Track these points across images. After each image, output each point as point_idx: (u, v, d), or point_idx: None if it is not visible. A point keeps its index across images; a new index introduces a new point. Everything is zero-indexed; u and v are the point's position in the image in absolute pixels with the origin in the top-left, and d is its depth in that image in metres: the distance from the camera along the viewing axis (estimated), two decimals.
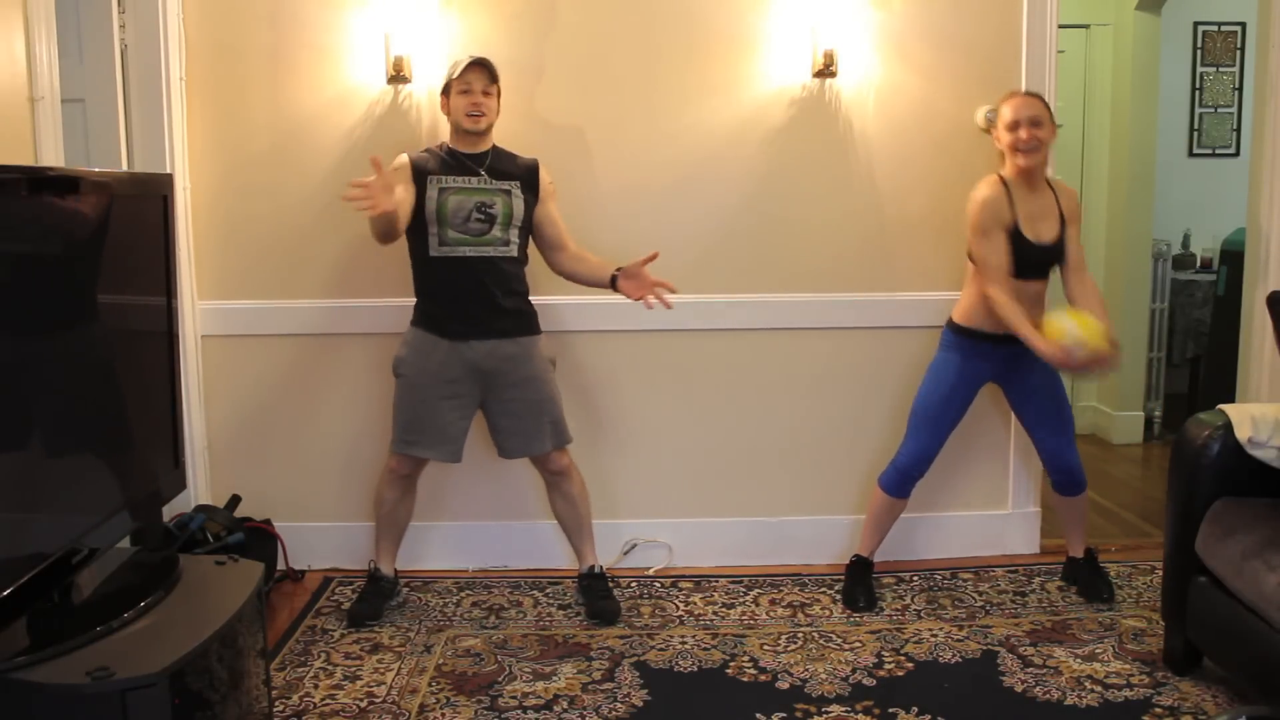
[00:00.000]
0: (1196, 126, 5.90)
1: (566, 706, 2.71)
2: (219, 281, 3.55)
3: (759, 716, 2.65)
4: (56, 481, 2.12)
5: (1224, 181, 5.71)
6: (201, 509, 3.35)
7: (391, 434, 3.23)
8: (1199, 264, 5.76)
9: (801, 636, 3.10)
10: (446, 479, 3.53)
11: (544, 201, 3.21)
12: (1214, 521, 2.64)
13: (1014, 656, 2.95)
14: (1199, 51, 5.85)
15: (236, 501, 3.50)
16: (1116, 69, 5.21)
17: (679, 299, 3.51)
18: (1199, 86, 5.88)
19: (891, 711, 2.66)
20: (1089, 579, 3.37)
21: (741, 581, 3.51)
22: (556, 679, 2.86)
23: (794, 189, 3.55)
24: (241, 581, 2.34)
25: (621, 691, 2.79)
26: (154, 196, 2.52)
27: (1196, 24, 5.81)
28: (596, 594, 3.29)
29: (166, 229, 2.52)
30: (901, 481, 3.31)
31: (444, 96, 3.17)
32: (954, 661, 2.94)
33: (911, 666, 2.91)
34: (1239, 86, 5.84)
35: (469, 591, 3.46)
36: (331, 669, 2.92)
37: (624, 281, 3.13)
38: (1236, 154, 5.82)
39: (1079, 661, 2.91)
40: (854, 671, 2.88)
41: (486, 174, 3.14)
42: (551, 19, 3.47)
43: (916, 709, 2.67)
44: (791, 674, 2.87)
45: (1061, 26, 3.59)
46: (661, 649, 3.03)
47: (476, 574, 3.60)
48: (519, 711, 2.69)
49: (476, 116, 3.10)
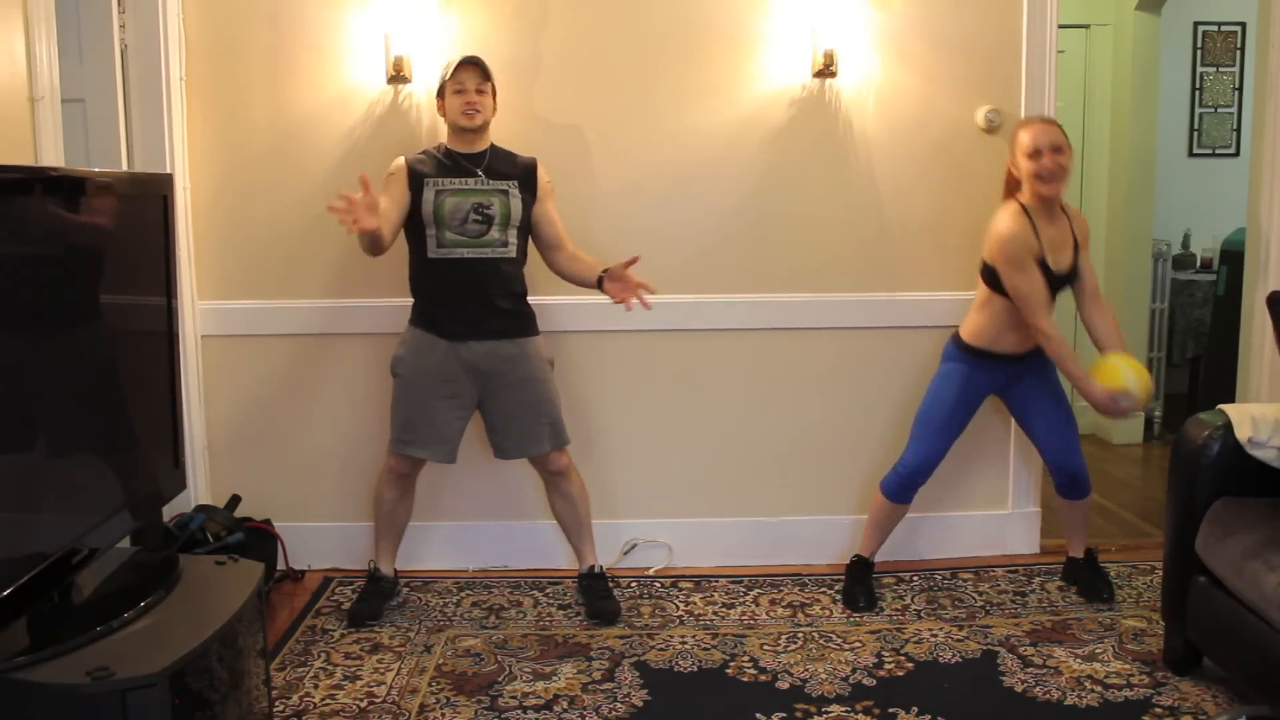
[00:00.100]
0: (1196, 126, 5.90)
1: (566, 706, 2.71)
2: (219, 281, 3.55)
3: (759, 716, 2.65)
4: (57, 481, 2.12)
5: (1224, 181, 5.71)
6: (201, 509, 3.35)
7: (390, 434, 3.23)
8: (1199, 264, 5.76)
9: (801, 636, 3.10)
10: (446, 479, 3.53)
11: (541, 201, 3.21)
12: (1214, 521, 2.64)
13: (1014, 656, 2.95)
14: (1199, 51, 5.85)
15: (236, 501, 3.50)
16: (1116, 69, 5.21)
17: (679, 299, 3.53)
18: (1199, 86, 5.88)
19: (891, 711, 2.66)
20: (1089, 579, 3.37)
21: (741, 581, 3.51)
22: (556, 679, 2.86)
23: (794, 189, 3.55)
24: (241, 581, 2.34)
25: (621, 691, 2.79)
26: (154, 196, 2.52)
27: (1196, 24, 5.81)
28: (596, 594, 3.29)
29: (166, 229, 2.52)
30: (904, 487, 3.31)
31: (439, 98, 3.17)
32: (954, 661, 2.94)
33: (911, 666, 2.91)
34: (1239, 86, 5.84)
35: (469, 591, 3.46)
36: (331, 669, 2.92)
37: (609, 284, 3.12)
38: (1236, 154, 5.83)
39: (1079, 661, 2.91)
40: (854, 671, 2.88)
41: (484, 174, 3.14)
42: (551, 19, 3.47)
43: (916, 709, 2.67)
44: (791, 674, 2.87)
45: (1061, 26, 3.59)
46: (661, 649, 3.03)
47: (476, 574, 3.60)
48: (519, 711, 2.69)
49: (471, 114, 3.11)
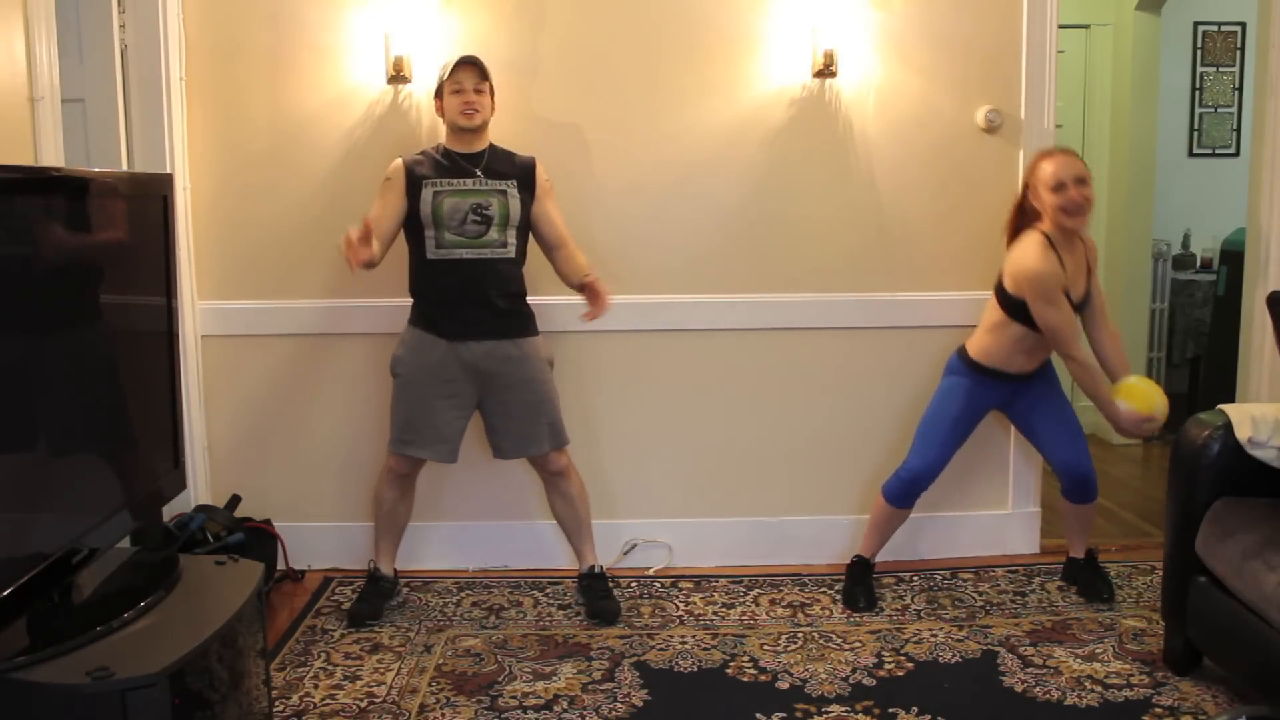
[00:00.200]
0: (1196, 126, 5.90)
1: (566, 706, 2.71)
2: (219, 281, 3.55)
3: (759, 716, 2.65)
4: (57, 481, 2.12)
5: (1224, 181, 5.70)
6: (201, 509, 3.35)
7: (390, 434, 3.23)
8: (1199, 264, 5.76)
9: (801, 636, 3.10)
10: (446, 479, 3.53)
11: (540, 200, 3.21)
12: (1214, 521, 2.64)
13: (1014, 656, 2.95)
14: (1199, 51, 5.85)
15: (236, 501, 3.50)
16: (1116, 69, 5.21)
17: (678, 299, 3.55)
18: (1199, 86, 5.88)
19: (891, 711, 2.66)
20: (1089, 579, 3.37)
21: (741, 581, 3.51)
22: (556, 679, 2.86)
23: (794, 189, 3.55)
24: (241, 581, 2.34)
25: (621, 691, 2.79)
26: (154, 196, 2.52)
27: (1196, 24, 5.80)
28: (596, 594, 3.29)
29: (166, 229, 2.52)
30: (905, 493, 3.31)
31: (437, 99, 3.17)
32: (954, 661, 2.94)
33: (911, 666, 2.91)
34: (1239, 86, 5.83)
35: (469, 591, 3.46)
36: (331, 669, 2.92)
37: (588, 293, 3.19)
38: (1236, 154, 5.82)
39: (1079, 661, 2.91)
40: (854, 671, 2.88)
41: (482, 174, 3.14)
42: (551, 19, 3.47)
43: (916, 709, 2.67)
44: (791, 674, 2.87)
45: (1061, 26, 3.58)
46: (661, 649, 3.03)
47: (476, 574, 3.60)
48: (519, 711, 2.69)
49: (470, 114, 3.11)
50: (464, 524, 3.64)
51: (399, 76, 3.40)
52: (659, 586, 3.49)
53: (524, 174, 3.19)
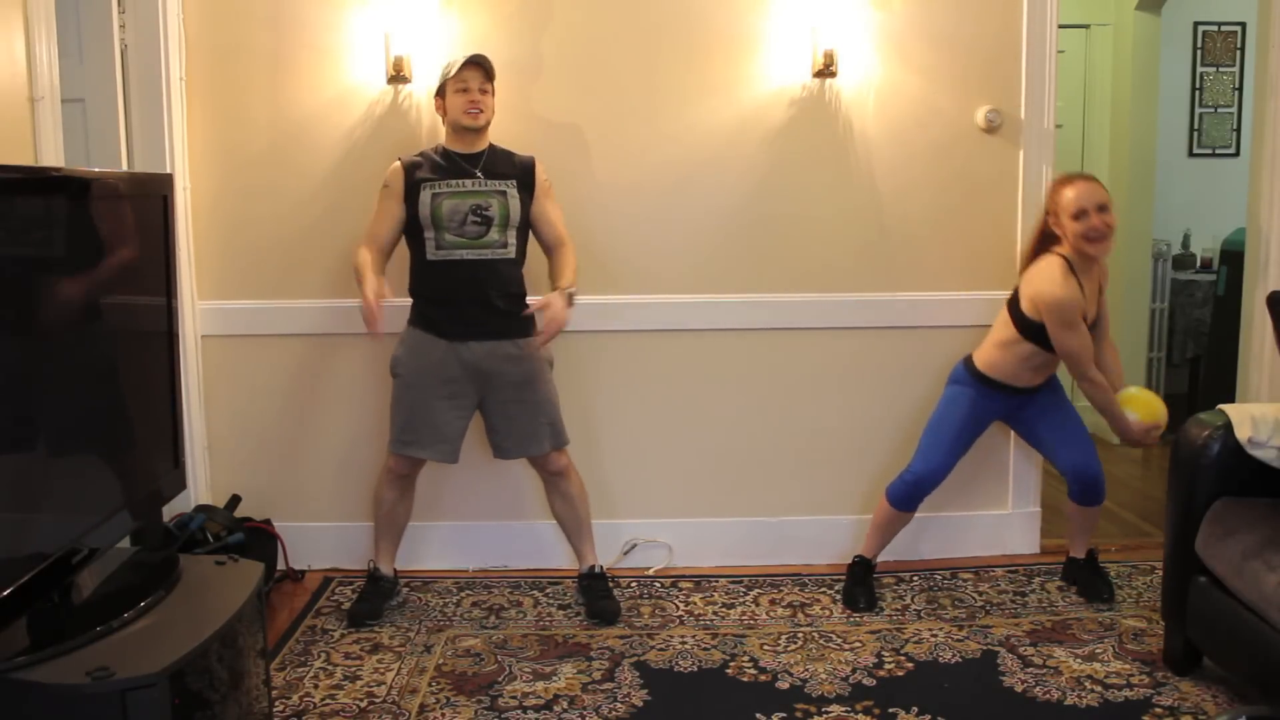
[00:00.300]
0: (1196, 126, 5.90)
1: (566, 706, 2.71)
2: (219, 281, 3.55)
3: (759, 716, 2.65)
4: (57, 481, 2.12)
5: (1224, 181, 5.70)
6: (201, 509, 3.35)
7: (389, 434, 3.23)
8: (1199, 264, 5.76)
9: (801, 636, 3.10)
10: (446, 479, 3.52)
11: (539, 200, 3.20)
12: (1214, 521, 2.64)
13: (1014, 656, 2.95)
14: (1199, 51, 5.85)
15: (236, 501, 3.50)
16: (1116, 69, 5.21)
17: (678, 299, 3.56)
18: (1199, 86, 5.88)
19: (891, 711, 2.66)
20: (1089, 579, 3.37)
21: (741, 581, 3.51)
22: (556, 679, 2.86)
23: (794, 189, 3.55)
24: (241, 581, 2.34)
25: (621, 691, 2.79)
26: (154, 196, 2.52)
27: (1196, 24, 5.81)
28: (596, 594, 3.29)
29: (166, 229, 2.52)
30: (909, 497, 3.31)
31: (438, 97, 3.17)
32: (954, 661, 2.94)
33: (911, 666, 2.91)
34: (1239, 86, 5.84)
35: (469, 591, 3.46)
36: (331, 669, 2.92)
37: (544, 307, 3.07)
38: (1236, 154, 5.82)
39: (1079, 661, 2.91)
40: (854, 671, 2.88)
41: (482, 174, 3.14)
42: (551, 19, 3.47)
43: (916, 709, 2.67)
44: (791, 674, 2.87)
45: (1061, 26, 3.58)
46: (661, 649, 3.03)
47: (476, 574, 3.60)
48: (519, 711, 2.69)
49: (475, 113, 3.10)
50: (464, 524, 3.64)
51: (399, 76, 3.40)
52: (659, 586, 3.49)
53: (523, 174, 3.18)
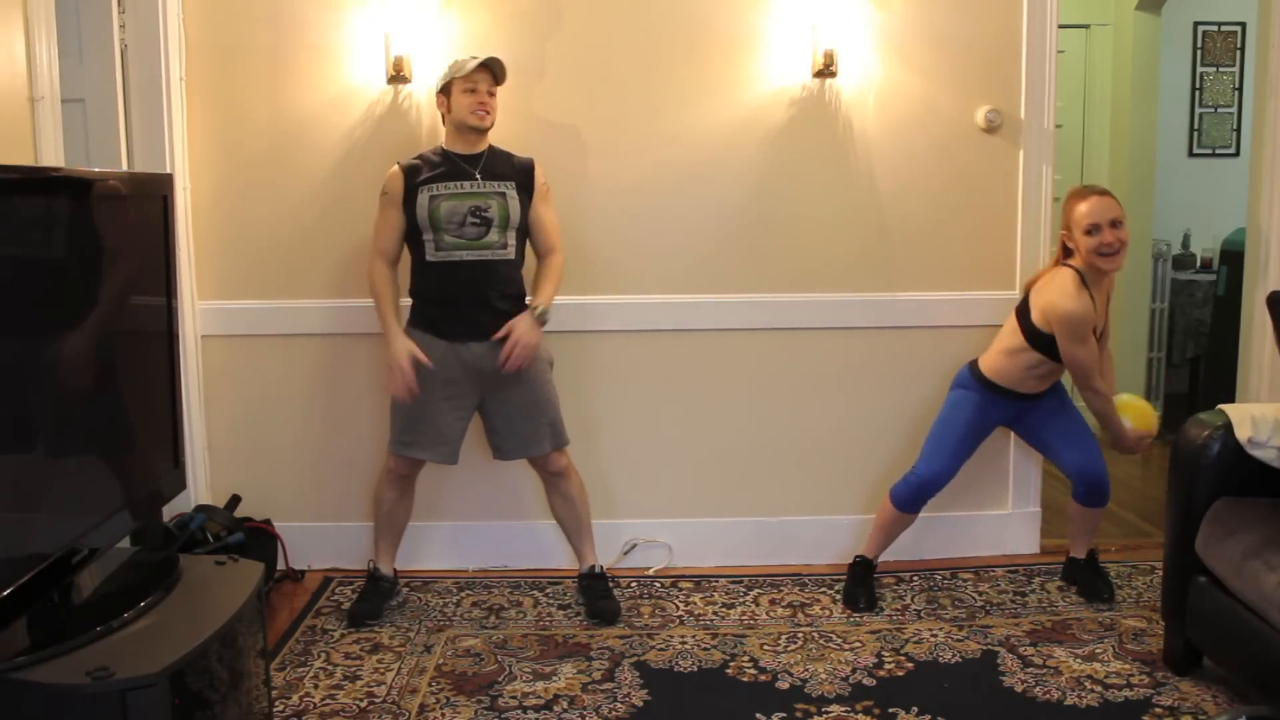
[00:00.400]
0: (1196, 126, 5.90)
1: (566, 706, 2.71)
2: (219, 282, 3.55)
3: (759, 716, 2.65)
4: (57, 481, 2.12)
5: (1224, 181, 5.70)
6: (201, 509, 3.35)
7: (390, 434, 3.23)
8: (1199, 264, 5.76)
9: (801, 636, 3.10)
10: (446, 479, 3.52)
11: (535, 203, 3.19)
12: (1214, 521, 2.64)
13: (1014, 656, 2.95)
14: (1199, 51, 5.85)
15: (236, 501, 3.50)
16: (1116, 69, 5.21)
17: (678, 299, 3.56)
18: (1199, 86, 5.88)
19: (891, 711, 2.66)
20: (1089, 579, 3.37)
21: (741, 581, 3.51)
22: (556, 679, 2.86)
23: (794, 189, 3.55)
24: (241, 581, 2.34)
25: (621, 691, 2.79)
26: (154, 196, 2.52)
27: (1196, 24, 5.80)
28: (596, 594, 3.29)
29: (166, 229, 2.52)
30: (913, 499, 3.31)
31: (442, 95, 3.16)
32: (954, 661, 2.94)
33: (911, 666, 2.91)
34: (1239, 86, 5.83)
35: (469, 591, 3.46)
36: (331, 669, 2.92)
37: (511, 328, 3.08)
38: (1236, 154, 5.82)
39: (1079, 661, 2.91)
40: (854, 671, 2.88)
41: (480, 176, 3.14)
42: (551, 19, 3.47)
43: (916, 709, 2.67)
44: (791, 674, 2.87)
45: (1061, 26, 3.58)
46: (661, 649, 3.03)
47: (476, 574, 3.60)
48: (519, 711, 2.69)
49: (482, 115, 3.11)
50: (464, 524, 3.64)
51: (399, 77, 3.40)
52: (659, 586, 3.49)
53: (523, 175, 3.18)
